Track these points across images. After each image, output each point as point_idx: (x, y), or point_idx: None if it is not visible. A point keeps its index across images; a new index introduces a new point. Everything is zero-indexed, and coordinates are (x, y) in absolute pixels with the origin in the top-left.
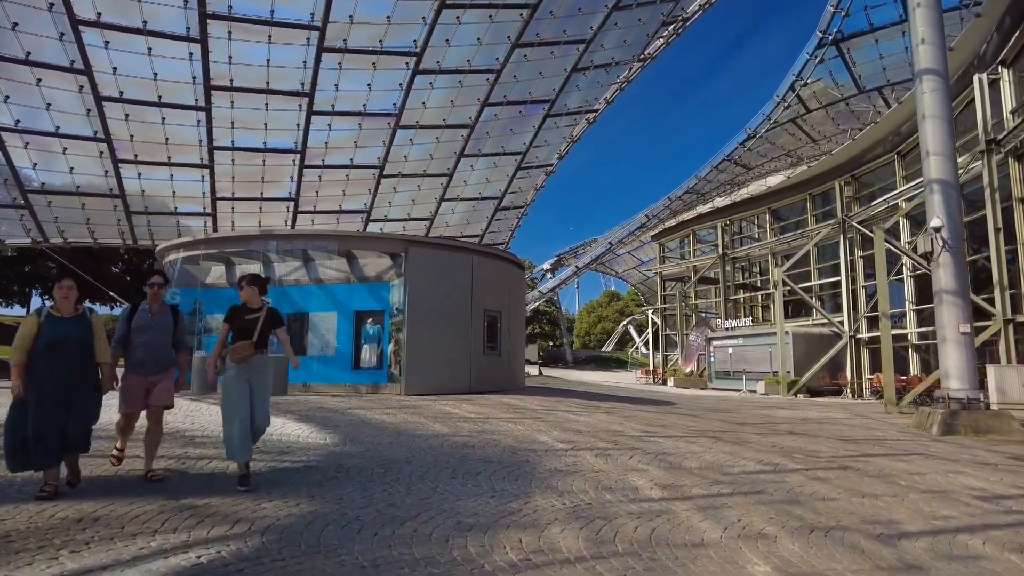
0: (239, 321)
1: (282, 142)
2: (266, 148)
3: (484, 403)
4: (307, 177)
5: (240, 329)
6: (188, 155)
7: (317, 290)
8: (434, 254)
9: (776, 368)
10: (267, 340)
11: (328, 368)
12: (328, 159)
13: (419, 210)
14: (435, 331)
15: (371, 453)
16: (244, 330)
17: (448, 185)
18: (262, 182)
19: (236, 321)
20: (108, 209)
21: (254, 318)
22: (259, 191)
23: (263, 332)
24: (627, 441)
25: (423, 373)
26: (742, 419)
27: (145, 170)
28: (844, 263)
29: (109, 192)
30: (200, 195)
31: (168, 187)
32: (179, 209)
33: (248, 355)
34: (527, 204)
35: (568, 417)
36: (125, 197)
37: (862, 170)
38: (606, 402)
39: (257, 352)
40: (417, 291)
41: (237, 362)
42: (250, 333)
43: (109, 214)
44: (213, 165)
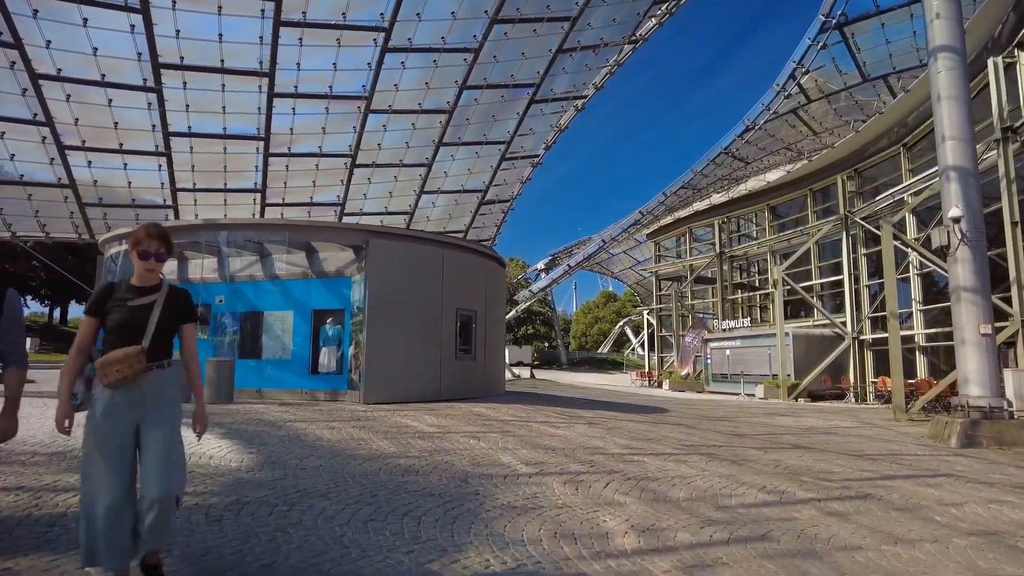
0: (116, 311)
1: (243, 128)
2: (226, 134)
3: (450, 413)
4: (273, 166)
5: (118, 326)
6: (141, 142)
7: (272, 287)
8: (399, 247)
9: (776, 371)
10: (170, 344)
11: (283, 373)
12: (295, 146)
13: (397, 203)
14: (399, 332)
15: (286, 482)
16: (125, 327)
17: (427, 176)
18: (225, 172)
19: (109, 311)
20: (58, 200)
21: (144, 304)
22: (222, 181)
23: (161, 330)
24: (606, 462)
25: (385, 379)
26: (740, 429)
27: (95, 158)
28: (847, 261)
29: (57, 182)
30: (159, 186)
31: (122, 176)
32: (137, 201)
33: (134, 372)
34: (513, 198)
35: (543, 430)
36: (76, 187)
37: (865, 164)
38: (591, 410)
39: (151, 366)
40: (379, 288)
41: (112, 384)
42: (136, 332)
43: (59, 206)
44: (170, 153)
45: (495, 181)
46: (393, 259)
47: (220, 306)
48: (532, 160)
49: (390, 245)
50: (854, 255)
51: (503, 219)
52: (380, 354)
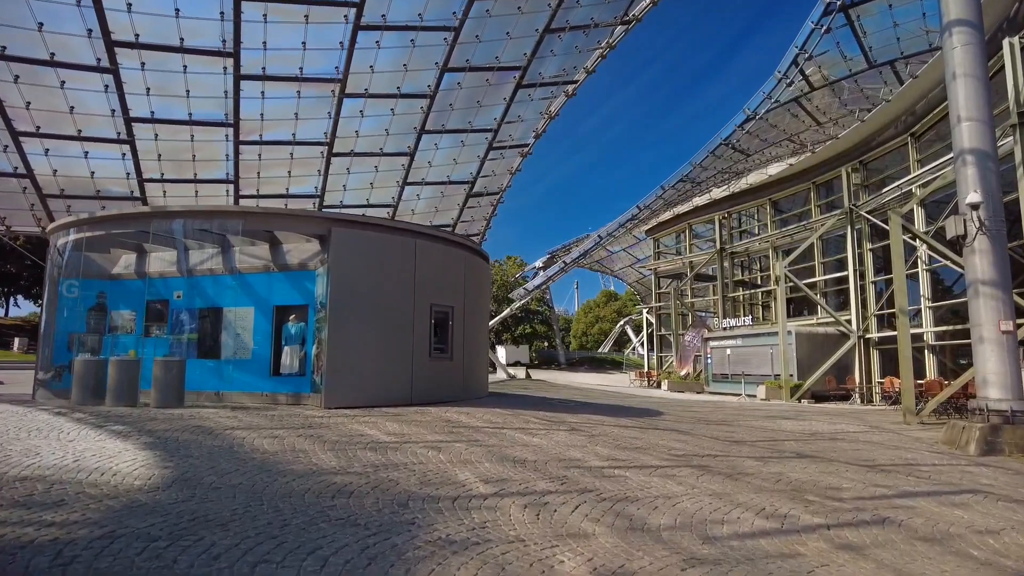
0: None
1: (210, 113)
2: (192, 120)
3: (417, 420)
4: (245, 155)
5: None
6: (101, 128)
7: (232, 281)
8: (365, 236)
9: (778, 371)
10: None
11: (243, 374)
12: (267, 133)
13: (379, 195)
14: (366, 330)
15: (187, 506)
16: None
17: (410, 166)
18: (194, 161)
19: None
20: (15, 191)
21: None
22: (192, 171)
23: None
24: (581, 477)
25: (349, 382)
26: (739, 435)
27: (53, 145)
28: (851, 257)
29: (13, 172)
30: (124, 176)
31: (83, 166)
32: (103, 192)
33: None
34: (502, 190)
35: (517, 439)
36: (34, 177)
37: (871, 155)
38: (579, 413)
39: None
40: (343, 281)
41: None
42: None
43: (18, 197)
44: (134, 140)
45: (483, 172)
46: (359, 250)
47: (178, 302)
48: (521, 150)
49: (355, 235)
50: (859, 250)
51: (492, 212)
52: (344, 354)
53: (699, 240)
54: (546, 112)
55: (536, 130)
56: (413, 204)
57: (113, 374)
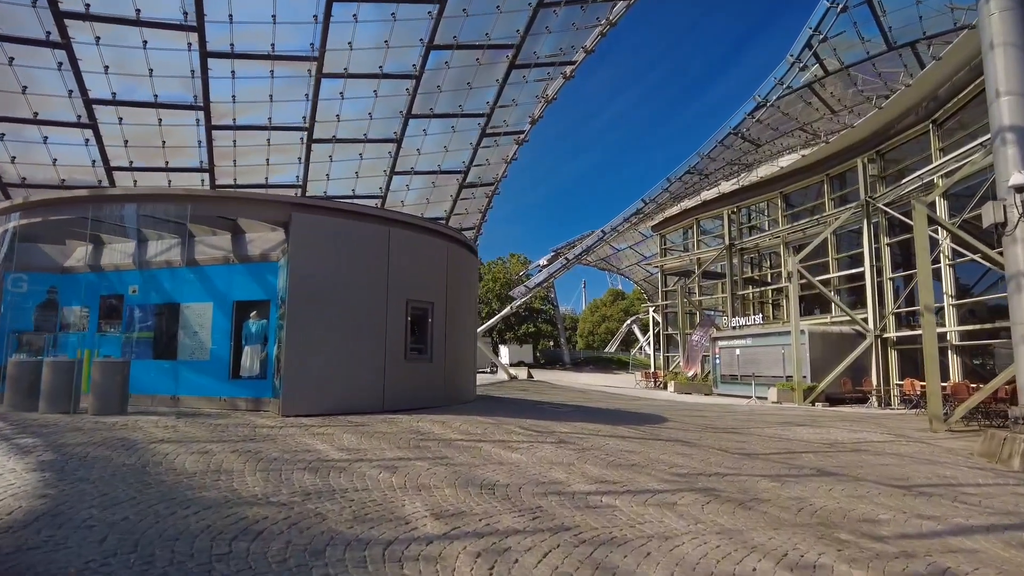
0: None
1: (177, 95)
2: (158, 103)
3: (382, 431)
4: (219, 141)
5: None
6: (59, 110)
7: (190, 274)
8: (331, 223)
9: (790, 372)
10: None
11: (201, 376)
12: (241, 117)
13: (366, 185)
14: (330, 329)
15: (24, 558)
16: None
17: (397, 154)
18: (163, 147)
19: None
20: None
21: None
22: (162, 159)
23: None
24: (559, 509)
25: (310, 387)
26: (750, 445)
27: (7, 129)
28: (868, 252)
29: None
30: (89, 163)
31: (43, 152)
32: (68, 181)
33: None
34: (498, 180)
35: (493, 455)
36: None
37: (889, 144)
38: (572, 421)
39: None
40: (304, 273)
41: None
42: None
43: None
44: (96, 124)
45: (476, 160)
46: (323, 238)
47: (133, 297)
48: (517, 136)
49: (319, 221)
50: (876, 245)
51: (488, 204)
52: (304, 356)
53: (706, 236)
54: (543, 96)
55: (532, 115)
56: (403, 195)
57: (47, 377)
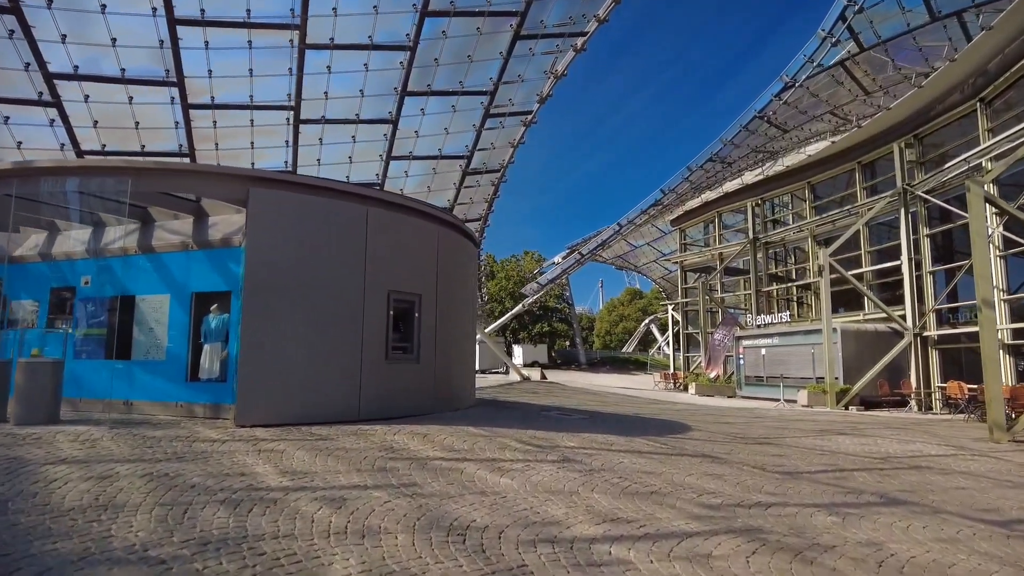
0: None
1: (146, 68)
2: (126, 78)
3: (346, 447)
4: (197, 122)
5: None
6: (17, 86)
7: (147, 262)
8: (297, 201)
9: (820, 373)
10: None
11: (156, 379)
12: (219, 95)
13: (360, 171)
14: (295, 324)
15: None
16: None
17: (393, 136)
18: (137, 129)
19: None
20: None
21: None
22: (137, 142)
23: None
24: (549, 570)
25: (272, 392)
26: (790, 461)
27: None
28: (906, 244)
29: None
30: (57, 147)
31: (6, 134)
32: None
33: None
34: (504, 166)
35: (476, 480)
36: None
37: (929, 127)
38: (581, 432)
39: None
40: (264, 259)
41: None
42: None
43: None
44: (60, 102)
45: (480, 144)
46: (287, 218)
47: (86, 289)
48: (524, 117)
49: (282, 198)
50: (915, 236)
51: (495, 193)
52: (263, 356)
53: (728, 231)
54: (551, 71)
55: (541, 93)
56: (401, 182)
57: None
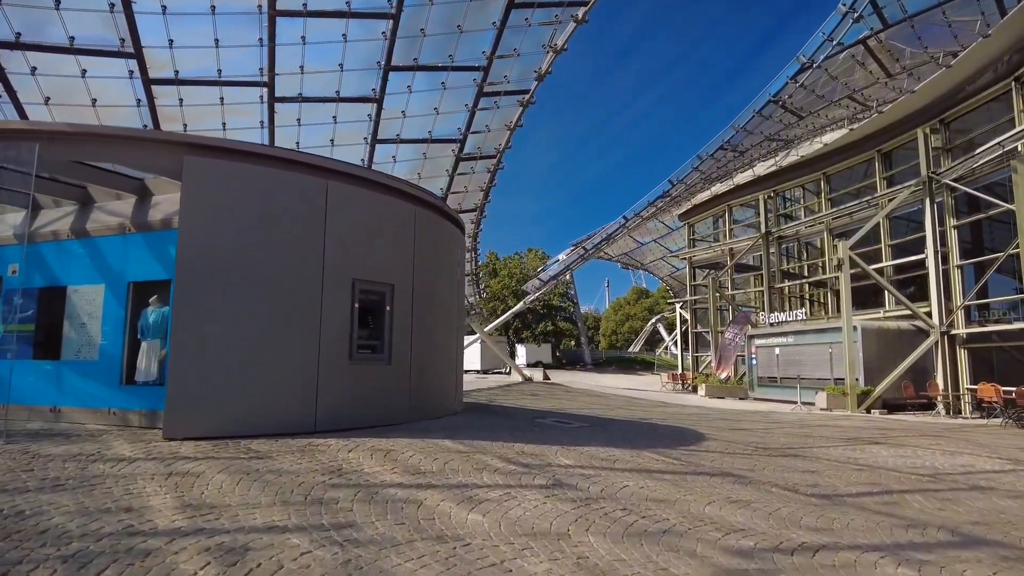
0: None
1: (98, 36)
2: (76, 48)
3: (283, 468)
4: (162, 100)
5: None
6: None
7: (79, 248)
8: (239, 172)
9: (839, 374)
10: None
11: (88, 382)
12: (184, 70)
13: (343, 155)
14: (237, 318)
15: None
16: None
17: (378, 117)
18: (94, 107)
19: None
20: None
21: None
22: (95, 122)
23: None
24: None
25: (210, 399)
26: (826, 478)
27: None
28: (931, 236)
29: None
30: None
31: None
32: None
33: None
34: (501, 151)
35: (436, 518)
36: None
37: (957, 111)
38: (579, 445)
39: None
40: (200, 241)
41: None
42: None
43: None
44: (4, 73)
45: (474, 127)
46: (229, 193)
47: (13, 279)
48: (521, 97)
49: (224, 169)
50: (941, 228)
51: (490, 181)
52: (198, 356)
53: (738, 225)
54: (550, 45)
55: (539, 70)
56: (388, 168)
57: None
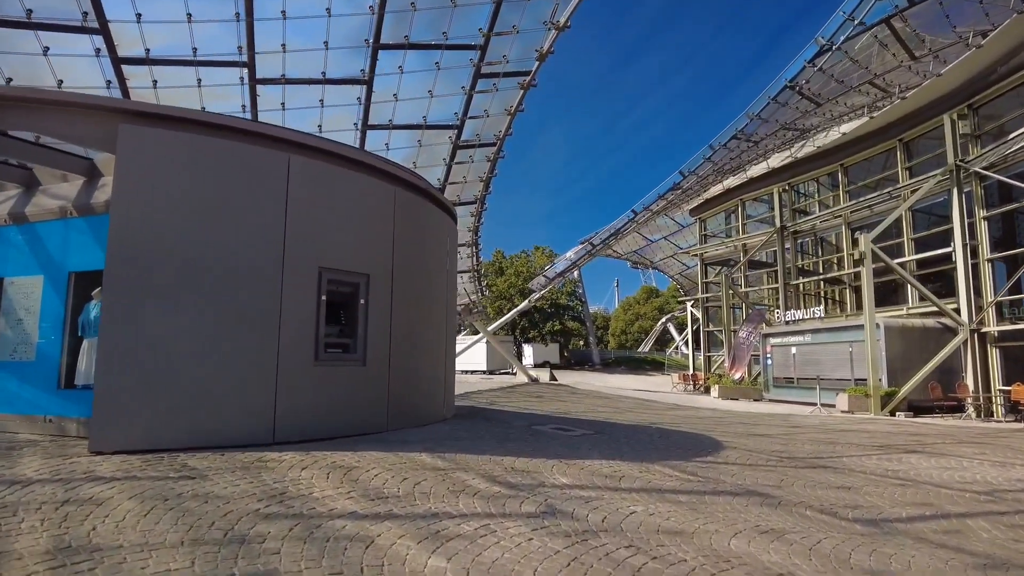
0: None
1: (61, 10)
2: (35, 21)
3: (213, 495)
4: (134, 80)
5: None
6: None
7: (18, 235)
8: (184, 144)
9: (859, 374)
10: None
11: (23, 385)
12: (155, 48)
13: None
14: (182, 313)
15: None
16: None
17: (368, 100)
18: (60, 88)
19: None
20: None
21: None
22: None
23: None
24: None
25: (146, 406)
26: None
27: None
28: (959, 228)
29: None
30: None
31: None
32: None
33: None
34: (501, 138)
35: (386, 568)
36: None
37: (986, 95)
38: (579, 458)
39: None
40: (136, 222)
41: None
42: None
43: None
44: None
45: (471, 111)
46: (173, 168)
47: None
48: (522, 80)
49: (166, 140)
50: (970, 220)
51: (491, 171)
52: (133, 358)
53: (751, 220)
54: (552, 22)
55: (541, 49)
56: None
57: None
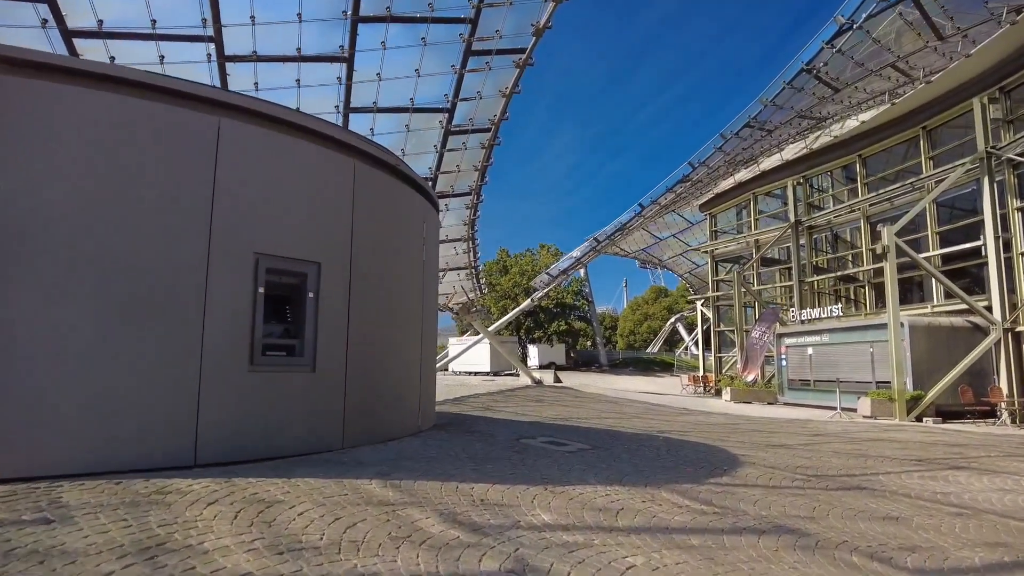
0: None
1: None
2: None
3: (58, 548)
4: (89, 56)
5: None
6: None
7: None
8: (86, 103)
9: (882, 376)
10: None
11: None
12: (107, 17)
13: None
14: (76, 306)
15: None
16: None
17: (349, 80)
18: None
19: None
20: None
21: None
22: None
23: None
24: None
25: (24, 421)
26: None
27: None
28: (990, 220)
29: None
30: None
31: None
32: None
33: None
34: (496, 122)
35: None
36: None
37: (1020, 76)
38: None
39: None
40: (21, 200)
41: None
42: None
43: None
44: None
45: (462, 92)
46: (69, 132)
47: None
48: (517, 57)
49: (60, 99)
50: (1002, 211)
51: (486, 160)
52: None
53: (764, 215)
54: None
55: (537, 23)
56: None
57: None
